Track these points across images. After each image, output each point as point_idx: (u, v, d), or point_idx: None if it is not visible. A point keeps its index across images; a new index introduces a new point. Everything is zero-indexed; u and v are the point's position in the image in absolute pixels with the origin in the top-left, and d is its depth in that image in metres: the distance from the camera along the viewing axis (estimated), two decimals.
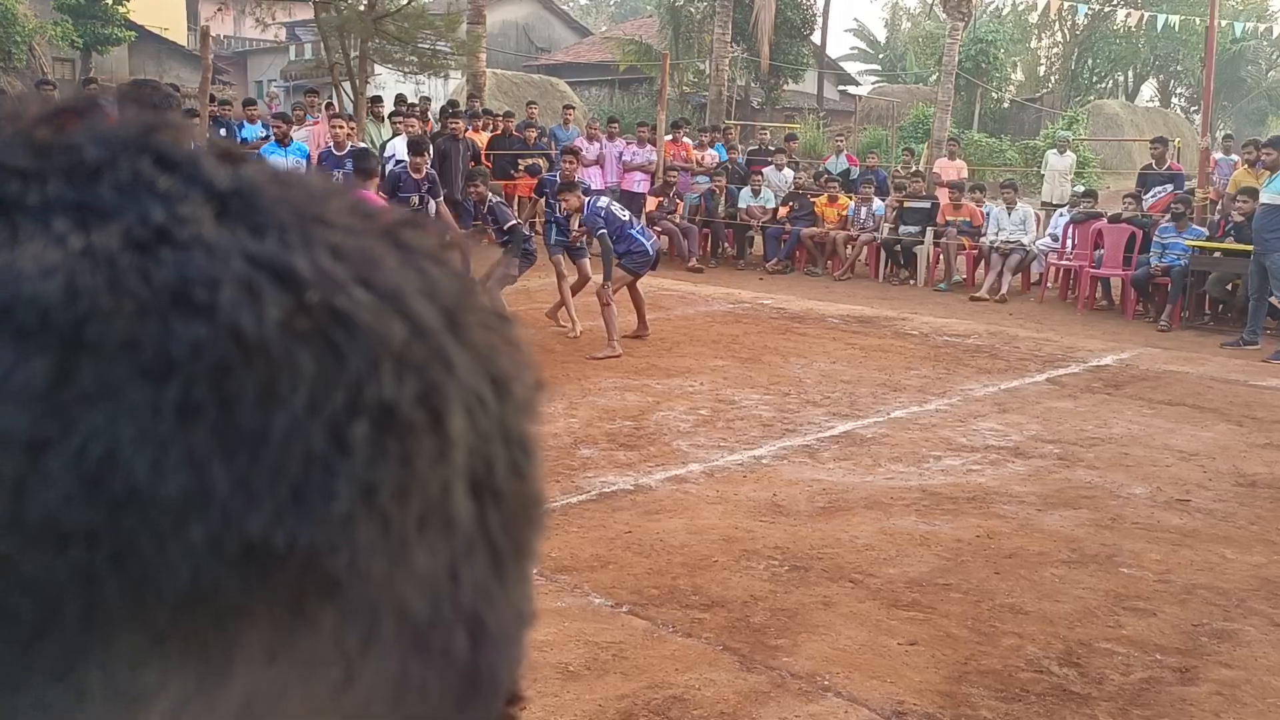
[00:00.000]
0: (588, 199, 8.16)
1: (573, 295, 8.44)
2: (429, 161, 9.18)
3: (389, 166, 9.72)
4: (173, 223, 0.23)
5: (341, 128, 10.13)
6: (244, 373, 0.22)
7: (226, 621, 0.22)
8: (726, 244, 13.55)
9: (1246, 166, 11.05)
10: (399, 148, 10.45)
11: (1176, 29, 23.23)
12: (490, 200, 8.47)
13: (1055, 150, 14.76)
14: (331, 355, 0.23)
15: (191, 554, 0.21)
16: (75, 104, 0.26)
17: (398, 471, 0.23)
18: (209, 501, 0.21)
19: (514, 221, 8.52)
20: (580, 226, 8.13)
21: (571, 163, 9.02)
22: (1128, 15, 22.95)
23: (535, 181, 10.73)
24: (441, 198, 9.09)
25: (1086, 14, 26.84)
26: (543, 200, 9.42)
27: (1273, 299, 9.24)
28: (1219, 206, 11.25)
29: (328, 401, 0.23)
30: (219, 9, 18.37)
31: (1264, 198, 9.28)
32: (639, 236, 7.94)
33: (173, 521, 0.21)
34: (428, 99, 14.58)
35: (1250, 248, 9.35)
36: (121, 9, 23.78)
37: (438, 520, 0.24)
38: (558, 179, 8.81)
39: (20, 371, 0.21)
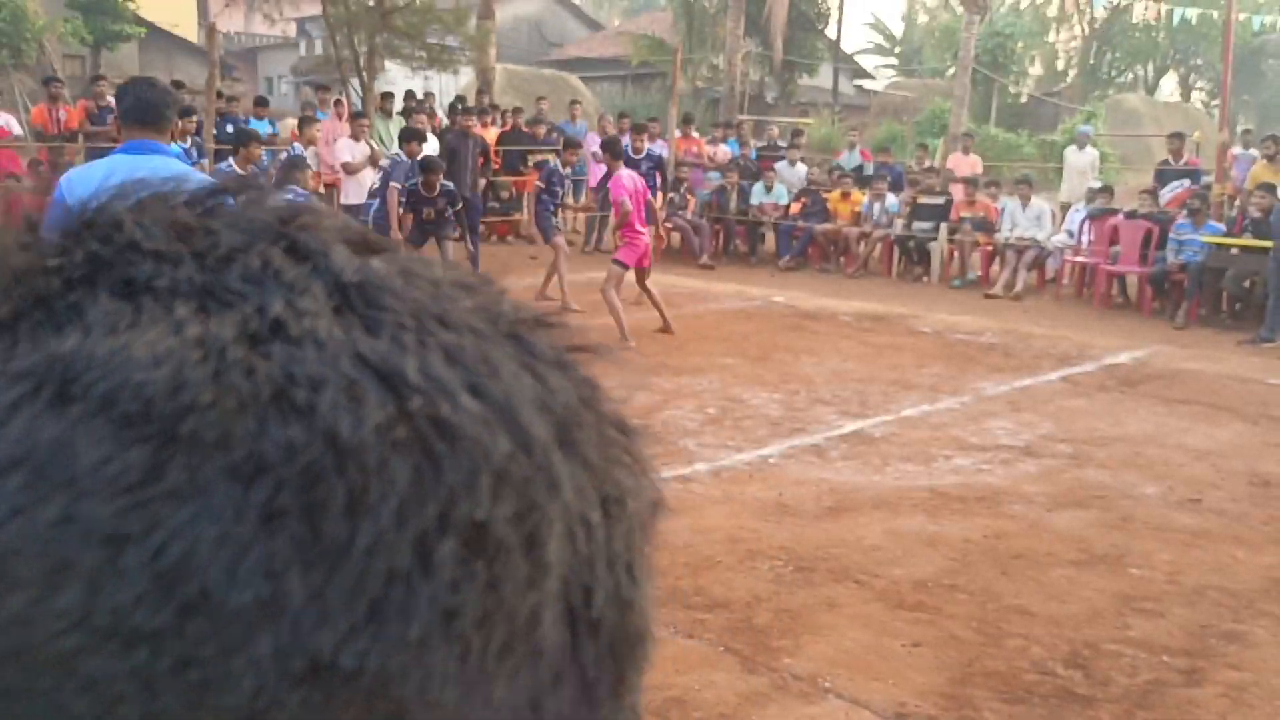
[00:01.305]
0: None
1: (553, 276, 9.26)
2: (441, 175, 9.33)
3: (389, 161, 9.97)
4: (290, 315, 0.22)
5: (363, 132, 10.49)
6: (334, 480, 0.21)
7: None
8: (738, 240, 13.50)
9: (1265, 161, 10.93)
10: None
11: (1194, 23, 23.03)
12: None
13: (1074, 146, 14.11)
14: (429, 467, 0.22)
15: (255, 668, 0.20)
16: (231, 185, 0.26)
17: (483, 596, 0.22)
18: (280, 614, 0.20)
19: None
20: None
21: (574, 155, 10.03)
22: (1146, 8, 22.76)
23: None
24: (460, 205, 9.29)
25: (1105, 6, 26.64)
26: (542, 186, 9.70)
27: None
28: (1237, 202, 11.12)
29: (417, 516, 0.21)
30: (227, 4, 18.46)
31: None
32: None
33: (240, 632, 0.20)
34: (431, 95, 14.59)
35: (1269, 244, 9.25)
36: (131, 5, 23.88)
37: (523, 649, 0.23)
38: (559, 168, 9.71)
39: (115, 463, 0.20)
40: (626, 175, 8.18)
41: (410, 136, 9.43)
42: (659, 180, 12.07)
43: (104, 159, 3.55)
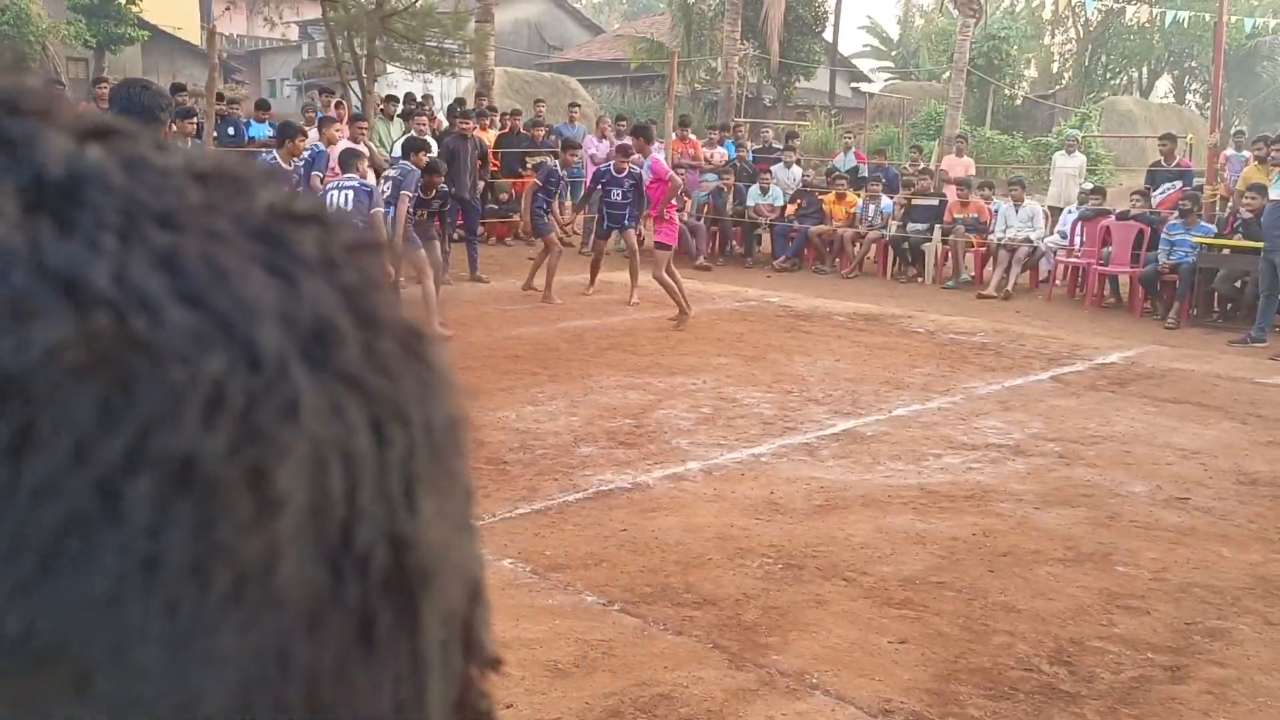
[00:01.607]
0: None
1: (541, 266, 9.76)
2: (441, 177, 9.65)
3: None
4: None
5: (361, 134, 10.58)
6: None
7: None
8: (734, 242, 13.55)
9: (1257, 163, 10.98)
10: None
11: (1186, 25, 23.09)
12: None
13: (1063, 151, 14.12)
14: (118, 394, 0.19)
15: None
16: None
17: (193, 541, 0.19)
18: None
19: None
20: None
21: (574, 155, 10.23)
22: (1137, 10, 22.82)
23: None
24: (448, 204, 9.62)
25: (1098, 9, 26.70)
26: (540, 184, 9.87)
27: None
28: (1229, 203, 11.18)
29: (101, 452, 0.18)
30: (228, 8, 18.50)
31: (1274, 194, 9.22)
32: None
33: None
34: (430, 97, 14.67)
35: (1259, 244, 9.30)
36: (134, 8, 23.96)
37: (256, 596, 0.20)
38: (558, 168, 10.02)
39: None
40: (663, 156, 8.52)
41: (417, 147, 9.55)
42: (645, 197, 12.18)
43: None
